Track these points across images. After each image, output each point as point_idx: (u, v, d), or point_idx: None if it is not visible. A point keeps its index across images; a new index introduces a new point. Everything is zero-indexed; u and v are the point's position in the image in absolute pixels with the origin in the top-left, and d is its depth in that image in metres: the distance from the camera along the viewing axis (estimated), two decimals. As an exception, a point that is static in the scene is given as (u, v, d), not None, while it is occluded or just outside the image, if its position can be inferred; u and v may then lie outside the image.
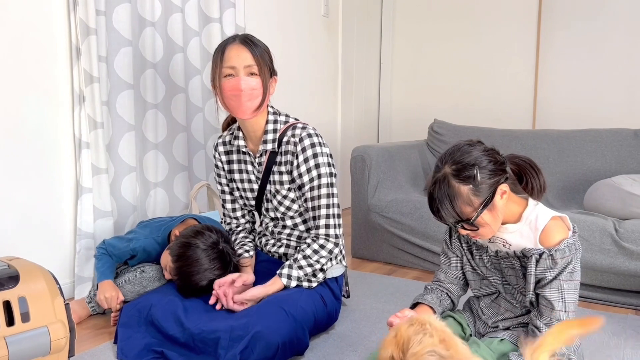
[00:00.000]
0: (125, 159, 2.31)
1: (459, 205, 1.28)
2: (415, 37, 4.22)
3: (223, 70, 1.71)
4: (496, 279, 1.46)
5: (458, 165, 1.28)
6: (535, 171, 1.36)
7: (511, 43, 3.79)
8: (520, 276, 1.39)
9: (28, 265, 1.41)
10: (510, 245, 1.37)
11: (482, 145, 1.33)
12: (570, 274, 1.31)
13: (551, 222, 1.32)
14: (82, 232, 2.15)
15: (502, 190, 1.30)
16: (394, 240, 2.72)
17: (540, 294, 1.33)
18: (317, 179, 1.77)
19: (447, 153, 1.34)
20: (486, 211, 1.28)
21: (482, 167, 1.27)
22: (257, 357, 1.50)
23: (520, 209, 1.37)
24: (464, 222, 1.30)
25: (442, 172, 1.30)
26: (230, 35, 1.89)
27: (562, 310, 1.29)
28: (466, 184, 1.27)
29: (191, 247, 1.77)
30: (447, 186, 1.28)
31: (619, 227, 2.16)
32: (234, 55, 1.70)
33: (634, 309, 2.14)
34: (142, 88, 2.37)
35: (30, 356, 1.31)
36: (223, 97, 1.73)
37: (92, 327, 1.92)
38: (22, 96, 2.00)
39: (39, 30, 2.03)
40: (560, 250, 1.30)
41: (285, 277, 1.74)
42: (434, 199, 1.31)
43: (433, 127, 3.34)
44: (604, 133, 2.82)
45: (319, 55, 3.72)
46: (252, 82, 1.71)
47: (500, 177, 1.30)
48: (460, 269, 1.53)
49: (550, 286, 1.31)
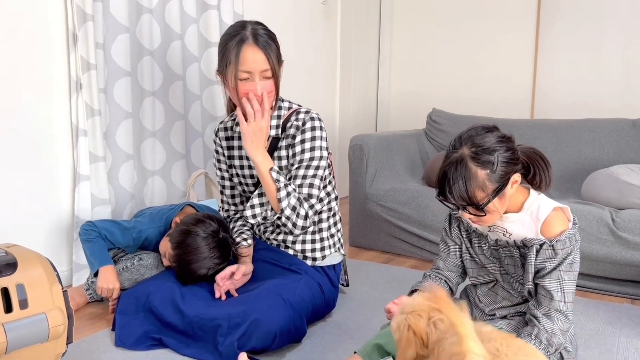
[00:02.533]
0: (123, 147, 2.30)
1: (472, 189, 1.26)
2: (414, 26, 4.20)
3: (239, 74, 1.68)
4: (494, 267, 1.46)
5: (478, 149, 1.27)
6: (545, 164, 1.36)
7: (510, 32, 3.78)
8: (519, 265, 1.39)
9: (26, 252, 1.41)
10: (511, 235, 1.37)
11: (500, 132, 1.32)
12: (570, 264, 1.31)
13: (553, 213, 1.32)
14: (79, 219, 2.15)
15: (514, 180, 1.30)
16: (391, 229, 2.72)
17: (540, 284, 1.33)
18: (309, 152, 1.77)
19: (466, 135, 1.31)
20: (496, 198, 1.28)
21: (500, 155, 1.27)
22: (254, 344, 1.52)
23: (522, 199, 1.36)
24: (472, 207, 1.29)
25: (459, 152, 1.28)
26: (229, 23, 1.87)
27: (561, 301, 1.30)
28: (484, 168, 1.25)
29: (191, 235, 1.77)
30: (464, 168, 1.26)
31: (615, 217, 2.17)
32: (250, 60, 1.67)
33: (630, 298, 2.16)
34: (139, 75, 2.36)
35: (28, 343, 1.31)
36: (238, 97, 1.72)
37: (90, 314, 1.93)
38: (19, 84, 1.99)
39: (36, 16, 2.02)
40: (561, 241, 1.30)
41: (275, 172, 1.71)
42: (447, 179, 1.28)
43: (431, 116, 3.34)
44: (602, 123, 2.82)
45: (318, 43, 3.70)
46: (268, 86, 1.72)
47: (515, 166, 1.30)
48: (459, 257, 1.53)
49: (549, 276, 1.31)
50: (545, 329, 1.29)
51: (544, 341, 1.28)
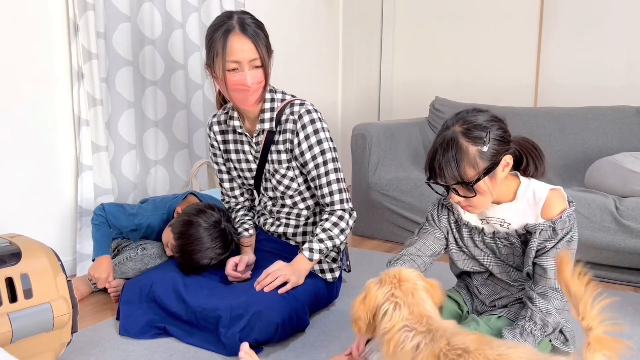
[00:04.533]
0: (125, 137, 2.30)
1: (463, 165, 1.25)
2: (417, 13, 4.16)
3: (227, 64, 1.63)
4: (487, 259, 1.45)
5: (469, 125, 1.26)
6: (538, 152, 1.35)
7: (514, 20, 3.74)
8: (519, 254, 1.38)
9: (30, 242, 1.42)
10: (510, 224, 1.36)
11: (492, 113, 1.32)
12: (568, 242, 1.31)
13: (550, 193, 1.32)
14: (83, 209, 2.15)
15: (505, 162, 1.29)
16: (394, 218, 2.72)
17: (537, 263, 1.33)
18: (320, 156, 1.75)
19: (457, 115, 1.32)
20: (487, 178, 1.26)
21: (492, 132, 1.26)
22: (256, 335, 1.51)
23: (514, 187, 1.36)
24: (462, 185, 1.27)
25: (451, 129, 1.28)
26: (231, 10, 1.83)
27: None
28: (475, 144, 1.25)
29: (193, 225, 1.77)
30: (455, 144, 1.25)
31: (619, 205, 2.16)
32: (238, 50, 1.62)
33: (634, 286, 2.16)
34: (141, 65, 2.35)
35: (33, 332, 1.32)
36: (228, 89, 1.67)
37: (94, 304, 1.94)
38: (20, 74, 1.98)
39: (36, 6, 2.00)
40: (562, 220, 1.30)
41: (307, 251, 1.70)
42: (438, 156, 1.27)
43: (434, 105, 3.32)
44: (606, 110, 2.80)
45: (320, 32, 3.68)
46: (258, 76, 1.67)
47: (507, 145, 1.29)
48: (441, 246, 1.49)
49: (547, 254, 1.31)
50: (540, 309, 1.29)
51: (539, 322, 1.28)
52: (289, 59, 3.32)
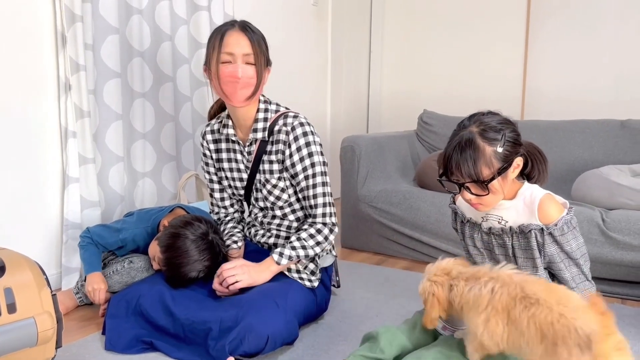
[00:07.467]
0: (113, 149, 2.28)
1: (480, 165, 1.30)
2: (405, 27, 4.21)
3: (221, 56, 1.69)
4: (482, 260, 1.48)
5: (485, 126, 1.32)
6: (543, 158, 1.41)
7: (500, 33, 3.80)
8: (510, 255, 1.42)
9: (14, 255, 1.39)
10: (507, 222, 1.40)
11: (504, 115, 1.38)
12: (575, 251, 1.37)
13: (544, 196, 1.37)
14: (69, 222, 2.13)
15: (516, 164, 1.35)
16: (383, 230, 2.72)
17: (555, 275, 1.41)
18: (310, 168, 1.77)
19: (472, 116, 1.37)
20: (499, 178, 1.32)
21: (507, 134, 1.32)
22: (246, 348, 1.50)
23: (516, 188, 1.41)
24: (477, 184, 1.32)
25: (468, 129, 1.33)
26: (220, 24, 1.87)
27: (581, 281, 1.40)
28: (491, 145, 1.30)
29: (180, 238, 1.75)
30: (472, 144, 1.30)
31: (606, 217, 2.18)
32: (234, 42, 1.69)
33: (620, 298, 2.17)
34: (129, 77, 2.34)
35: (16, 347, 1.30)
36: (220, 82, 1.71)
37: (80, 318, 1.91)
38: (7, 85, 1.97)
39: (24, 17, 1.99)
40: (558, 228, 1.34)
41: (277, 254, 1.73)
42: (455, 154, 1.32)
43: (422, 118, 3.35)
44: (592, 124, 2.84)
45: (309, 44, 3.70)
46: (249, 71, 1.71)
47: (519, 147, 1.35)
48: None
49: (559, 267, 1.38)
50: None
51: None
52: (277, 72, 3.32)
